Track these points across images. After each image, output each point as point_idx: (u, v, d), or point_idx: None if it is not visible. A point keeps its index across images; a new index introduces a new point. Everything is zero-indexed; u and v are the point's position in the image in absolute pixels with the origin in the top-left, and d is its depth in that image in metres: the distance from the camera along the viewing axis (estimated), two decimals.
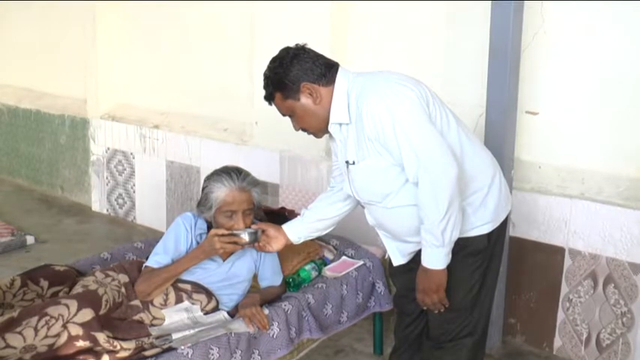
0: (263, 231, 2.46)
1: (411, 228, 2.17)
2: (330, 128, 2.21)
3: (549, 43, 3.06)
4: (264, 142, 4.05)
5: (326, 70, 2.16)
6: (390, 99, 2.04)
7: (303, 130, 2.27)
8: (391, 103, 2.03)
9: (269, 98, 2.24)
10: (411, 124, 2.02)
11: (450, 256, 2.10)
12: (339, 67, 2.21)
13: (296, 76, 2.14)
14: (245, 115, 4.23)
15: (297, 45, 2.21)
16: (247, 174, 2.54)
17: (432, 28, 3.42)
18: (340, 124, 2.18)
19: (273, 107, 2.30)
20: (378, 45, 3.62)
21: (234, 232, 2.41)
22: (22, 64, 6.13)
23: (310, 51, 2.19)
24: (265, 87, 2.23)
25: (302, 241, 2.50)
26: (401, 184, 2.11)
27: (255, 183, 2.54)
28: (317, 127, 2.24)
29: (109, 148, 5.20)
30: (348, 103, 2.14)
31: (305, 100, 2.17)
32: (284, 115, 2.26)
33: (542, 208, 3.08)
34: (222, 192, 2.46)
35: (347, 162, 2.20)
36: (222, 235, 2.40)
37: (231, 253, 2.54)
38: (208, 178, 2.53)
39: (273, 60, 2.21)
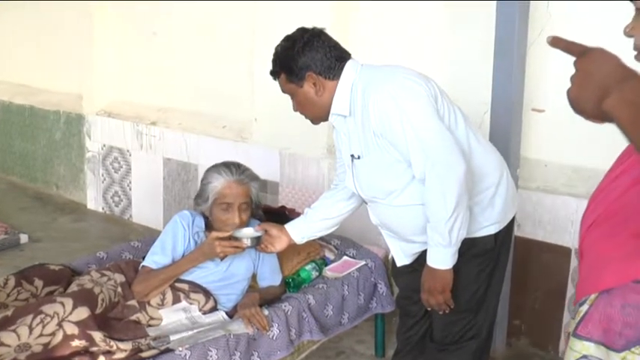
0: (265, 231, 2.45)
1: (416, 227, 2.16)
2: (332, 119, 2.21)
3: None
4: (263, 139, 4.05)
5: (335, 63, 2.15)
6: (398, 94, 2.03)
7: (301, 113, 2.27)
8: (399, 97, 2.02)
9: (274, 74, 2.24)
10: (420, 120, 2.02)
11: (457, 255, 2.09)
12: (349, 59, 2.20)
13: (304, 64, 2.13)
14: (244, 111, 4.23)
15: (314, 29, 2.19)
16: (246, 168, 2.56)
17: (436, 25, 3.42)
18: (344, 117, 2.18)
19: (274, 105, 2.30)
20: (381, 42, 3.62)
21: (236, 235, 2.42)
22: (16, 59, 6.13)
23: (326, 40, 2.17)
24: (273, 62, 2.22)
25: (305, 241, 2.50)
26: (406, 182, 2.11)
27: (254, 177, 2.55)
28: (314, 116, 2.25)
29: (104, 145, 5.19)
30: (352, 95, 2.14)
31: (307, 89, 2.16)
32: (284, 92, 2.26)
33: (548, 207, 3.08)
34: (219, 183, 2.47)
35: (352, 156, 2.19)
36: (223, 239, 2.40)
37: None
38: (207, 171, 2.57)
39: (287, 38, 2.20)
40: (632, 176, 1.32)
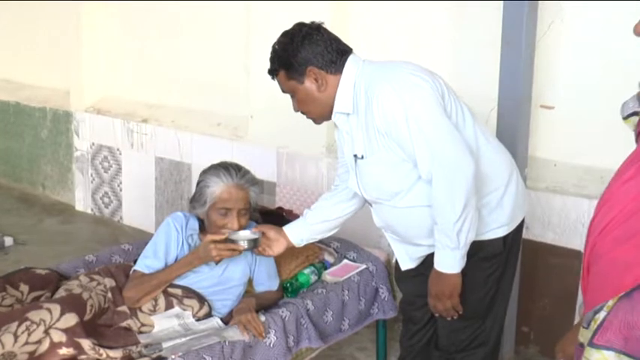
0: (263, 233, 2.45)
1: (422, 230, 2.16)
2: (335, 118, 2.21)
3: (567, 32, 3.05)
4: (260, 137, 4.04)
5: (337, 56, 2.15)
6: (403, 90, 2.03)
7: (302, 112, 2.26)
8: (404, 94, 2.02)
9: (272, 73, 2.23)
10: (426, 117, 2.01)
11: (465, 258, 2.09)
12: (351, 53, 2.20)
13: (304, 59, 2.13)
14: (240, 108, 4.23)
15: (312, 23, 2.19)
16: (247, 171, 2.54)
17: (441, 19, 3.42)
18: (348, 115, 2.17)
19: (270, 101, 2.30)
20: (383, 37, 3.61)
21: (232, 237, 2.41)
22: (0, 53, 6.12)
23: (325, 33, 2.17)
24: (271, 60, 2.21)
25: (304, 243, 2.50)
26: (412, 183, 2.11)
27: (254, 182, 2.54)
28: (317, 114, 2.24)
29: (93, 144, 5.19)
30: (355, 92, 2.13)
31: (309, 84, 2.16)
32: (284, 92, 2.26)
33: (558, 208, 3.08)
34: (218, 187, 2.46)
35: (355, 156, 2.19)
36: (219, 242, 2.40)
37: None
38: (205, 172, 2.54)
39: (285, 34, 2.19)
40: None
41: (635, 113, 1.52)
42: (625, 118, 1.56)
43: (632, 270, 1.32)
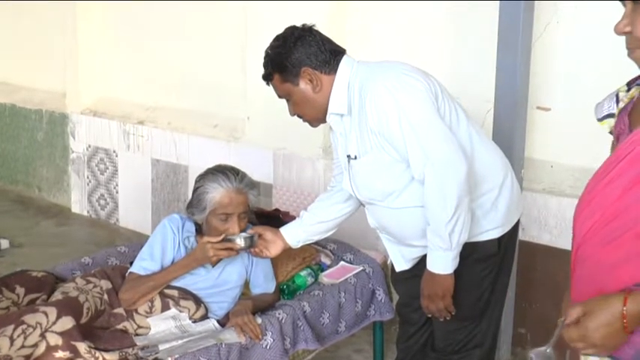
0: (260, 235, 2.46)
1: (416, 231, 2.17)
2: (329, 119, 2.22)
3: (563, 34, 3.06)
4: (256, 138, 4.05)
5: (331, 57, 2.16)
6: (397, 90, 2.04)
7: (299, 116, 2.27)
8: (397, 94, 2.03)
9: (267, 78, 2.24)
10: (419, 118, 2.03)
11: (458, 259, 2.10)
12: (344, 54, 2.21)
13: (298, 60, 2.14)
14: (236, 110, 4.23)
15: (304, 25, 2.21)
16: (244, 175, 2.53)
17: (438, 20, 3.43)
18: (341, 115, 2.18)
19: (267, 103, 2.31)
20: (380, 38, 3.62)
21: (229, 237, 2.42)
22: None
23: (317, 34, 2.19)
24: (264, 65, 2.23)
25: (301, 245, 2.51)
26: (405, 183, 2.12)
27: (253, 185, 2.54)
28: (313, 115, 2.25)
29: (90, 146, 5.18)
30: (349, 93, 2.15)
31: (304, 86, 2.17)
32: (280, 97, 2.26)
33: (555, 210, 3.09)
34: (218, 193, 2.45)
35: (348, 156, 2.20)
36: (215, 242, 2.40)
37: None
38: (202, 178, 2.52)
39: (277, 38, 2.21)
40: (629, 178, 1.33)
41: (611, 115, 1.52)
42: (600, 120, 1.55)
43: (615, 271, 1.33)
